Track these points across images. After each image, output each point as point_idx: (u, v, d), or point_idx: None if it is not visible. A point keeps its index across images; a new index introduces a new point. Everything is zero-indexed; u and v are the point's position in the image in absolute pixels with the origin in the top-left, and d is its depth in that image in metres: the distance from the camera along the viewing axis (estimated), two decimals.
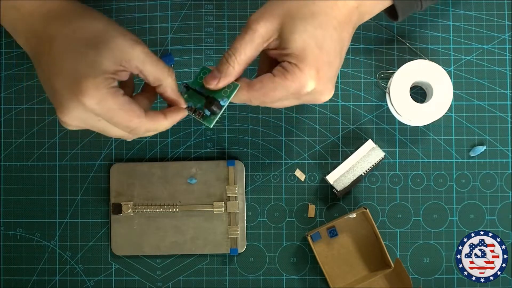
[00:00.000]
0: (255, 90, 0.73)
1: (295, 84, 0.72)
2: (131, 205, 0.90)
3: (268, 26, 0.72)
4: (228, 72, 0.73)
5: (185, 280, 0.92)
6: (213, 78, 0.74)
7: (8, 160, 0.92)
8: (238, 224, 0.91)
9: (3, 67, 0.93)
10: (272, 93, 0.73)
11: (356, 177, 0.90)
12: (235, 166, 0.91)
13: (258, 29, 0.72)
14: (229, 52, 0.73)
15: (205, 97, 0.75)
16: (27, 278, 0.92)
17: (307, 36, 0.71)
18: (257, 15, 0.72)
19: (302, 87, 0.72)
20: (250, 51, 0.73)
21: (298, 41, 0.71)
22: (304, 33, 0.71)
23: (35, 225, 0.92)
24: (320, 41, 0.72)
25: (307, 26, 0.71)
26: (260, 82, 0.73)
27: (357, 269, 0.91)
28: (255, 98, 0.74)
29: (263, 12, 0.72)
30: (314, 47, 0.72)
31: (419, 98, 0.92)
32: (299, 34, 0.71)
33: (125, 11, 0.93)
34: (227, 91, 0.74)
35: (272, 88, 0.72)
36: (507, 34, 0.92)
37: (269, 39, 0.72)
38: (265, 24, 0.72)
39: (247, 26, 0.72)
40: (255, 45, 0.72)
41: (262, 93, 0.73)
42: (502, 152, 0.92)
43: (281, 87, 0.72)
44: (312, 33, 0.71)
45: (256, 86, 0.73)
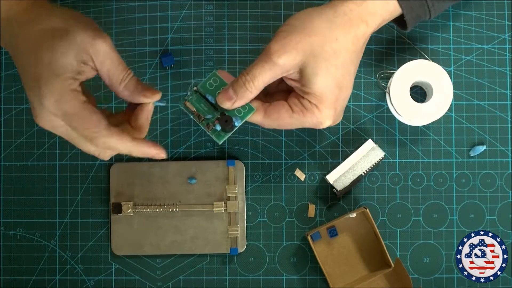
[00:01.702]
0: (271, 119, 0.75)
1: (312, 122, 0.75)
2: (131, 205, 0.90)
3: (290, 61, 0.72)
4: (244, 96, 0.74)
5: (185, 280, 0.92)
6: (228, 99, 0.74)
7: (8, 160, 0.92)
8: (238, 224, 0.91)
9: (3, 67, 0.93)
10: (287, 125, 0.75)
11: (356, 177, 0.90)
12: (235, 166, 0.91)
13: (279, 62, 0.72)
14: (247, 78, 0.73)
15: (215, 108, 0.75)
16: (27, 278, 0.92)
17: (329, 78, 0.73)
18: (279, 46, 0.72)
19: (319, 125, 0.75)
20: (268, 80, 0.74)
21: (321, 83, 0.73)
22: (326, 75, 0.73)
23: (35, 225, 0.92)
24: (340, 80, 0.74)
25: (330, 67, 0.73)
26: (277, 113, 0.75)
27: (357, 269, 0.91)
28: (269, 124, 0.76)
29: (285, 45, 0.72)
30: (334, 89, 0.73)
31: (419, 98, 0.92)
32: (321, 76, 0.72)
33: (125, 11, 0.93)
34: (241, 111, 0.75)
35: (288, 122, 0.75)
36: (507, 34, 0.92)
37: (288, 71, 0.73)
38: (287, 58, 0.72)
39: (268, 55, 0.72)
40: (274, 75, 0.73)
41: (277, 123, 0.75)
42: (502, 152, 0.92)
43: (298, 122, 0.75)
44: (334, 74, 0.73)
45: (273, 115, 0.75)
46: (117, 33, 0.92)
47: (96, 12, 0.93)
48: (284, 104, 0.75)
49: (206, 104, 0.76)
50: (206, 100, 0.76)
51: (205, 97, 0.76)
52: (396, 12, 0.77)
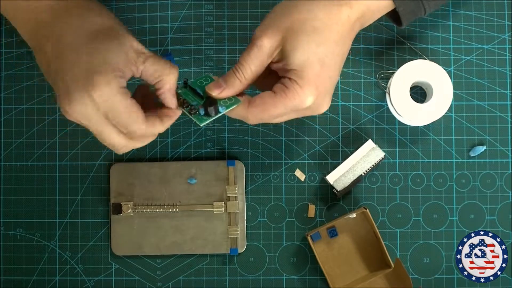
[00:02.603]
0: (255, 106, 0.74)
1: (294, 101, 0.73)
2: (131, 205, 0.90)
3: (272, 42, 0.72)
4: (233, 85, 0.74)
5: (185, 280, 0.92)
6: (217, 87, 0.74)
7: (8, 160, 0.92)
8: (238, 224, 0.91)
9: (3, 67, 0.93)
10: (272, 110, 0.73)
11: (356, 177, 0.90)
12: (235, 166, 0.91)
13: (262, 45, 0.72)
14: (236, 67, 0.74)
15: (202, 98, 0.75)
16: (27, 278, 0.92)
17: (309, 53, 0.72)
18: (261, 30, 0.73)
19: (301, 103, 0.73)
20: (255, 67, 0.73)
21: (300, 58, 0.72)
22: (306, 50, 0.72)
23: (35, 225, 0.92)
24: (322, 57, 0.72)
25: (310, 43, 0.72)
26: (260, 98, 0.74)
27: (357, 269, 0.91)
28: (254, 114, 0.74)
29: (266, 27, 0.72)
30: (315, 64, 0.72)
31: (419, 98, 0.92)
32: (301, 51, 0.72)
33: (125, 11, 0.93)
34: (227, 102, 0.75)
35: (271, 104, 0.73)
36: (507, 34, 0.92)
37: (273, 53, 0.73)
38: (269, 40, 0.72)
39: (252, 42, 0.73)
40: (260, 61, 0.73)
41: (262, 109, 0.74)
42: (502, 152, 0.92)
43: (281, 103, 0.73)
44: (314, 50, 0.72)
45: (256, 102, 0.74)
46: None
47: None
48: (267, 91, 0.74)
49: (194, 96, 0.76)
50: (195, 93, 0.76)
51: (194, 90, 0.76)
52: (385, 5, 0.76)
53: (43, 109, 0.92)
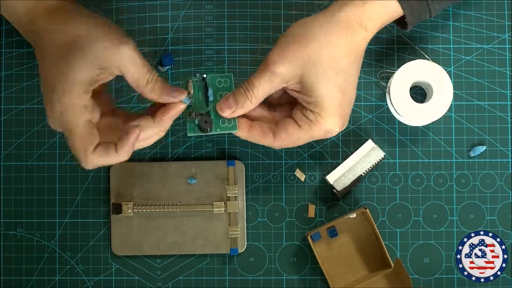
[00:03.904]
0: (282, 140, 0.75)
1: (320, 132, 0.74)
2: (131, 205, 0.90)
3: (289, 70, 0.72)
4: (244, 105, 0.74)
5: (185, 280, 0.92)
6: (228, 107, 0.74)
7: (8, 160, 0.92)
8: (238, 224, 0.91)
9: (3, 67, 0.93)
10: (297, 142, 0.76)
11: (356, 177, 0.90)
12: (235, 166, 0.91)
13: (277, 72, 0.72)
14: (247, 87, 0.73)
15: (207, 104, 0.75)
16: (27, 278, 0.92)
17: (330, 84, 0.72)
18: (277, 56, 0.72)
19: (326, 134, 0.75)
20: (268, 89, 0.74)
21: (321, 90, 0.72)
22: (326, 82, 0.72)
23: (35, 225, 0.92)
24: (341, 85, 0.73)
25: (329, 74, 0.72)
26: (285, 131, 0.75)
27: (357, 269, 0.91)
28: (280, 145, 0.76)
29: (283, 54, 0.72)
30: (336, 94, 0.73)
31: (419, 98, 0.92)
32: (322, 83, 0.72)
33: (125, 11, 0.93)
34: (225, 123, 0.75)
35: (297, 138, 0.75)
36: (507, 34, 0.92)
37: (288, 82, 0.73)
38: (286, 68, 0.72)
39: (266, 66, 0.73)
40: (274, 85, 0.73)
41: (288, 142, 0.75)
42: (502, 152, 0.92)
43: (307, 136, 0.75)
44: (334, 80, 0.73)
45: (281, 136, 0.75)
46: None
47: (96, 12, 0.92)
48: (289, 121, 0.76)
49: (203, 95, 0.76)
50: (206, 92, 0.76)
51: (207, 89, 0.76)
52: (396, 14, 0.76)
53: (43, 109, 0.91)
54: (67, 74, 0.68)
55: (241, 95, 0.74)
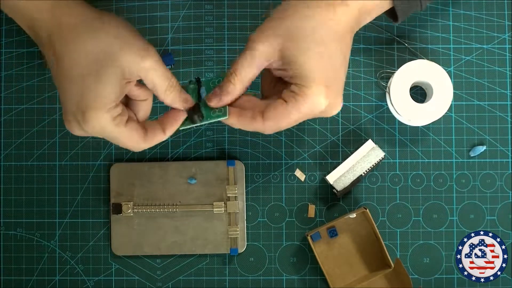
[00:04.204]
0: (269, 119, 0.73)
1: (308, 105, 0.72)
2: (131, 205, 0.90)
3: (269, 46, 0.71)
4: (228, 90, 0.73)
5: (185, 280, 0.92)
6: (214, 96, 0.74)
7: (8, 160, 0.92)
8: (238, 224, 0.91)
9: (3, 67, 0.93)
10: (286, 119, 0.73)
11: (356, 177, 0.90)
12: (235, 166, 0.91)
13: (258, 48, 0.71)
14: (230, 71, 0.73)
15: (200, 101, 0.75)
16: (27, 278, 0.92)
17: (310, 55, 0.71)
18: (257, 34, 0.72)
19: (315, 107, 0.72)
20: (251, 70, 0.73)
21: (302, 61, 0.71)
22: (307, 52, 0.71)
23: (35, 225, 0.92)
24: (323, 57, 0.71)
25: (309, 44, 0.71)
26: (273, 109, 0.73)
27: (357, 269, 0.91)
28: (270, 126, 0.73)
29: (262, 31, 0.72)
30: (318, 65, 0.71)
31: (419, 98, 0.92)
32: (302, 54, 0.71)
33: (125, 11, 0.93)
34: (216, 112, 0.74)
35: (285, 114, 0.72)
36: (507, 34, 0.92)
37: (270, 59, 0.72)
38: (265, 44, 0.71)
39: (247, 45, 0.72)
40: (256, 65, 0.72)
41: (276, 120, 0.73)
42: (502, 152, 0.92)
43: (295, 110, 0.72)
44: (314, 51, 0.71)
45: (269, 114, 0.73)
46: None
47: None
48: (277, 101, 0.73)
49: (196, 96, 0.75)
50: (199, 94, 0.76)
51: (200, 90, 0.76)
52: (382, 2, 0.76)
53: (43, 109, 0.92)
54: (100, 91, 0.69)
55: (225, 82, 0.73)
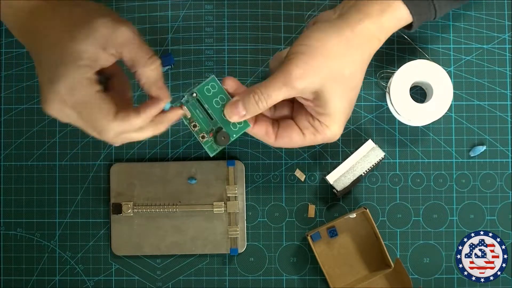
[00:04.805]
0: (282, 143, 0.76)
1: (323, 140, 0.75)
2: (131, 205, 0.90)
3: (310, 84, 0.72)
4: (255, 113, 0.74)
5: (185, 280, 0.92)
6: (237, 114, 0.74)
7: (8, 160, 0.92)
8: (238, 224, 0.91)
9: (3, 67, 0.93)
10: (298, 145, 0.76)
11: (356, 177, 0.90)
12: (235, 166, 0.91)
13: (299, 87, 0.72)
14: (261, 97, 0.73)
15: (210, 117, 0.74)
16: (27, 278, 0.92)
17: (344, 100, 0.74)
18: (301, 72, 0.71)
19: (328, 141, 0.76)
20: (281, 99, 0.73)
21: (336, 106, 0.73)
22: (342, 98, 0.73)
23: (35, 225, 0.92)
24: (352, 99, 0.75)
25: (346, 91, 0.73)
26: (289, 137, 0.75)
27: (357, 269, 0.91)
28: (279, 145, 0.76)
29: (307, 70, 0.72)
30: (347, 108, 0.74)
31: (419, 98, 0.92)
32: (338, 99, 0.73)
33: (125, 11, 0.93)
34: (236, 126, 0.74)
35: (299, 143, 0.75)
36: (507, 34, 0.92)
37: (304, 93, 0.73)
38: (308, 82, 0.72)
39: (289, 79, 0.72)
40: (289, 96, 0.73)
41: (288, 144, 0.76)
42: (502, 152, 0.92)
43: (309, 142, 0.75)
44: (348, 96, 0.74)
45: (284, 140, 0.76)
46: None
47: None
48: (293, 127, 0.75)
49: (202, 111, 0.75)
50: (202, 107, 0.75)
51: (202, 104, 0.75)
52: (405, 22, 0.77)
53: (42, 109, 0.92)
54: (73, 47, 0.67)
55: (253, 105, 0.73)
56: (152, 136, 0.73)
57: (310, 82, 0.72)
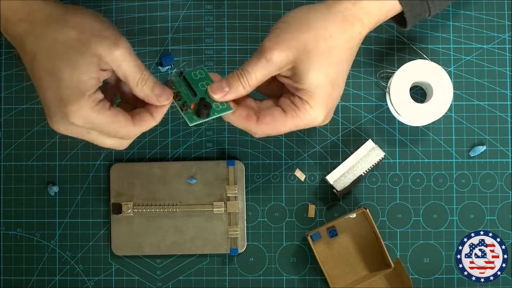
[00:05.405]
0: (265, 123, 0.74)
1: (305, 121, 0.74)
2: (131, 205, 0.90)
3: (283, 57, 0.72)
4: (237, 90, 0.73)
5: (185, 280, 0.92)
6: (220, 90, 0.74)
7: (8, 160, 0.92)
8: (238, 224, 0.91)
9: (3, 67, 0.93)
10: (281, 128, 0.74)
11: (356, 177, 0.90)
12: (235, 166, 0.91)
13: (272, 58, 0.72)
14: (241, 72, 0.73)
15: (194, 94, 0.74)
16: (27, 278, 0.92)
17: (322, 75, 0.72)
18: (272, 43, 0.72)
19: (311, 123, 0.74)
20: (261, 77, 0.73)
21: (313, 79, 0.72)
22: (319, 71, 0.72)
23: (35, 225, 0.92)
24: (333, 78, 0.73)
25: (323, 64, 0.72)
26: (271, 116, 0.74)
27: (357, 269, 0.91)
28: (262, 130, 0.75)
29: (279, 41, 0.72)
30: (328, 85, 0.73)
31: (419, 98, 0.92)
32: (314, 72, 0.72)
33: (125, 11, 0.93)
34: (219, 106, 0.74)
35: (281, 123, 0.74)
36: (507, 34, 0.92)
37: (282, 68, 0.73)
38: (280, 54, 0.72)
39: (261, 53, 0.72)
40: (268, 72, 0.73)
41: (271, 126, 0.74)
42: (502, 152, 0.92)
43: (291, 123, 0.74)
44: (327, 71, 0.72)
45: (266, 119, 0.74)
46: None
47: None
48: (276, 108, 0.75)
49: (187, 88, 0.75)
50: (188, 85, 0.75)
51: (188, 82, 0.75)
52: (393, 11, 0.76)
53: (43, 109, 0.92)
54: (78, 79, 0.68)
55: (235, 80, 0.73)
56: None
57: (282, 53, 0.71)
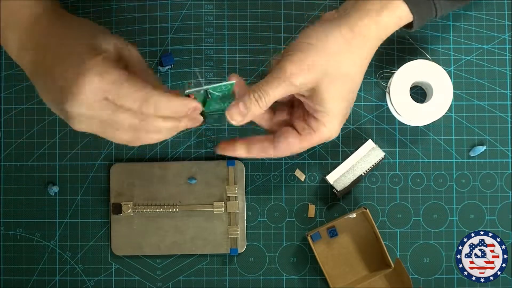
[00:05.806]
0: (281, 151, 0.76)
1: (320, 140, 0.75)
2: (131, 205, 0.90)
3: (307, 81, 0.72)
4: (255, 113, 0.73)
5: (185, 280, 0.92)
6: (239, 114, 0.73)
7: (8, 160, 0.92)
8: (238, 224, 0.91)
9: (3, 67, 0.93)
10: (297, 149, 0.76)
11: (356, 177, 0.90)
12: (235, 166, 0.91)
13: (296, 83, 0.72)
14: (261, 94, 0.73)
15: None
16: (27, 278, 0.92)
17: (340, 99, 0.74)
18: (297, 69, 0.72)
19: (325, 140, 0.76)
20: (280, 97, 0.73)
21: (333, 103, 0.73)
22: (339, 95, 0.73)
23: (35, 225, 0.92)
24: (351, 98, 0.75)
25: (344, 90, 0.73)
26: (286, 142, 0.76)
27: (357, 269, 0.91)
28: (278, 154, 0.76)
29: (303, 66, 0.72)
30: (344, 109, 0.75)
31: (419, 98, 0.92)
32: (334, 96, 0.73)
33: (125, 11, 0.93)
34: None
35: (297, 145, 0.76)
36: (507, 34, 0.92)
37: (301, 89, 0.73)
38: (304, 78, 0.72)
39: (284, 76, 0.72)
40: (286, 93, 0.73)
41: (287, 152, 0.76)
42: (502, 152, 0.92)
43: (307, 144, 0.76)
44: (346, 94, 0.74)
45: (282, 146, 0.76)
46: (117, 33, 0.92)
47: (96, 12, 0.93)
48: (289, 131, 0.76)
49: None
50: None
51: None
52: (406, 22, 0.77)
53: (43, 109, 0.92)
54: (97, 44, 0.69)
55: (252, 103, 0.73)
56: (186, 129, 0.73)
57: (306, 77, 0.72)
